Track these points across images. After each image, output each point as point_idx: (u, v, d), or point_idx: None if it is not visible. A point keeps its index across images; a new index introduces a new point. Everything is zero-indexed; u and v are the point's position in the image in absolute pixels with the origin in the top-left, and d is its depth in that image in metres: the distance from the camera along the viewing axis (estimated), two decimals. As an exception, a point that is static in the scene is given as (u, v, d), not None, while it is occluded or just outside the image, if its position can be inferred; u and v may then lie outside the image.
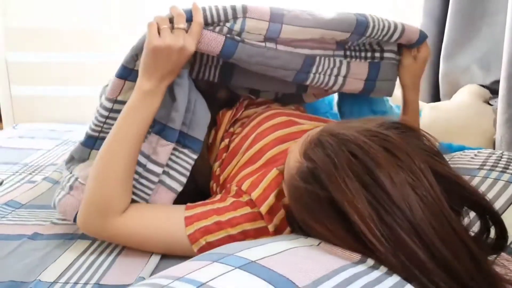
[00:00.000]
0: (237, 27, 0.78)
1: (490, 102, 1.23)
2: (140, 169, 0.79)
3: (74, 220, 0.79)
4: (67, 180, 0.83)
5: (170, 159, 0.81)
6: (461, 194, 0.51)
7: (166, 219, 0.75)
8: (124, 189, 0.75)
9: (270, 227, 0.72)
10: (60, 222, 0.90)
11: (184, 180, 0.81)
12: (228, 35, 0.78)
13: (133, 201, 0.78)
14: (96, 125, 0.84)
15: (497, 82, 1.26)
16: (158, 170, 0.79)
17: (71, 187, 0.81)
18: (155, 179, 0.79)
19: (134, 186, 0.77)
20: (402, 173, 0.48)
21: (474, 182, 0.72)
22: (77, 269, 0.73)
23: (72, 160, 0.88)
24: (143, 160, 0.79)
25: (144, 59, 0.74)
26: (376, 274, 0.44)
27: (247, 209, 0.74)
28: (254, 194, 0.74)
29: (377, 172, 0.48)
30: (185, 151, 0.82)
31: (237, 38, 0.79)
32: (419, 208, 0.46)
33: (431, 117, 1.21)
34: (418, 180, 0.48)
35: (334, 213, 0.51)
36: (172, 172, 0.81)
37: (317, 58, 0.87)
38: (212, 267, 0.45)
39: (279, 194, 0.72)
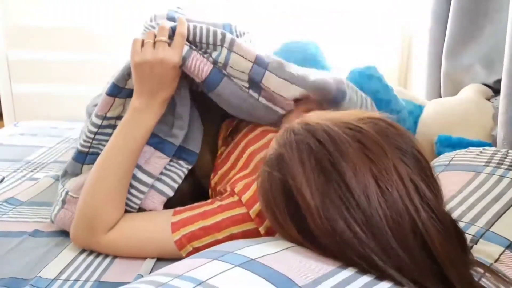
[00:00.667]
0: (221, 58, 0.76)
1: (491, 100, 1.23)
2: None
3: None
4: (60, 195, 0.83)
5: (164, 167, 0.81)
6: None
7: (153, 228, 0.75)
8: (114, 205, 0.74)
9: (261, 229, 0.71)
10: (61, 220, 0.91)
11: (175, 186, 0.81)
12: (215, 65, 0.77)
13: None
14: (85, 141, 0.84)
15: (499, 81, 1.26)
16: (149, 180, 0.78)
17: (63, 202, 0.81)
18: (145, 189, 0.78)
19: None
20: (368, 164, 0.45)
21: (480, 178, 0.72)
22: (77, 266, 0.73)
23: (66, 175, 0.88)
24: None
25: (132, 76, 0.75)
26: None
27: (236, 211, 0.73)
28: (245, 197, 0.73)
29: (340, 160, 0.46)
30: (180, 162, 0.82)
31: (224, 71, 0.78)
32: (377, 201, 0.44)
33: (432, 110, 1.21)
34: (386, 173, 0.45)
35: (285, 197, 0.49)
36: (164, 178, 0.80)
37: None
38: (212, 265, 0.44)
39: None
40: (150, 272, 0.71)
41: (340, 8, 2.13)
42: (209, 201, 0.77)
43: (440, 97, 1.52)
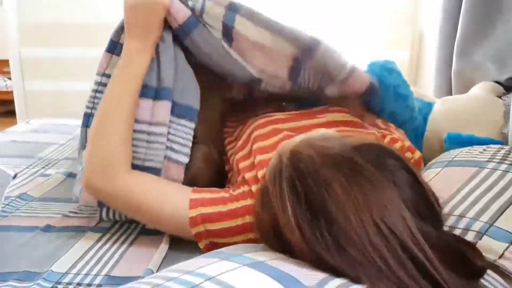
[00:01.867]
0: (198, 6, 0.81)
1: (502, 98, 1.22)
2: (145, 136, 0.79)
3: (99, 205, 0.84)
4: (80, 173, 0.86)
5: (170, 133, 0.81)
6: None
7: (170, 193, 0.77)
8: (126, 143, 0.77)
9: None
10: (72, 215, 0.92)
11: (187, 150, 0.82)
12: (193, 13, 0.81)
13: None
14: (89, 101, 0.90)
15: (511, 78, 1.24)
16: (163, 130, 0.80)
17: None
18: (163, 139, 0.80)
19: (145, 154, 0.79)
20: (355, 200, 0.45)
21: (482, 174, 0.71)
22: (88, 261, 0.74)
23: (80, 152, 0.91)
24: (144, 127, 0.80)
25: (125, 20, 0.80)
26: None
27: (248, 201, 0.74)
28: (255, 187, 0.75)
29: (326, 201, 0.46)
30: (182, 121, 0.83)
31: (200, 19, 0.82)
32: (368, 238, 0.43)
33: (442, 108, 1.20)
34: (376, 209, 0.44)
35: (273, 232, 0.52)
36: (175, 145, 0.82)
37: (263, 84, 0.89)
38: (221, 264, 0.46)
39: None
40: (159, 267, 0.72)
41: (351, 5, 2.12)
42: (225, 188, 0.80)
43: (451, 94, 1.51)
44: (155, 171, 0.80)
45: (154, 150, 0.80)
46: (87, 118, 0.89)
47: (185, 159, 0.82)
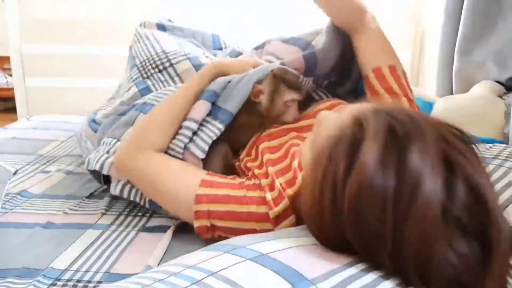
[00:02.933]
0: None
1: (503, 97, 1.22)
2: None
3: (105, 182, 0.94)
4: (108, 144, 0.94)
5: (200, 129, 0.86)
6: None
7: (186, 173, 0.81)
8: (163, 133, 0.85)
9: (271, 213, 0.73)
10: (72, 212, 0.92)
11: (205, 147, 0.84)
12: None
13: None
14: (157, 95, 1.01)
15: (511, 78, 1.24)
16: (192, 125, 0.85)
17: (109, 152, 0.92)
18: (189, 133, 0.85)
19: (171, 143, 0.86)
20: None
21: (488, 169, 0.72)
22: (88, 258, 0.74)
23: (113, 129, 0.98)
24: None
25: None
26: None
27: (256, 193, 0.76)
28: (264, 181, 0.76)
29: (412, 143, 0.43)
30: (215, 122, 0.86)
31: None
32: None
33: (443, 107, 1.20)
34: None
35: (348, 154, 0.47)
36: (198, 140, 0.85)
37: None
38: (223, 258, 0.45)
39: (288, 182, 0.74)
40: (158, 264, 0.72)
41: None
42: (236, 177, 0.82)
43: (452, 94, 1.50)
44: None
45: (178, 140, 0.85)
46: (146, 106, 0.98)
47: (201, 154, 0.84)
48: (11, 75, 2.65)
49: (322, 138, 0.52)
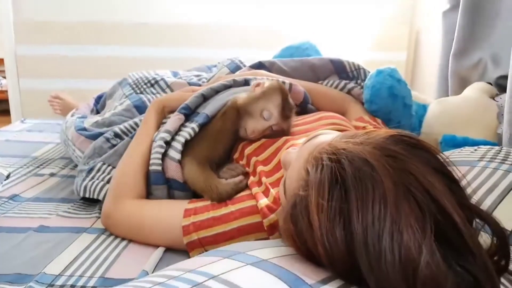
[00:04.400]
0: None
1: (495, 98, 1.22)
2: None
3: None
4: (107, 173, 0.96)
5: (178, 134, 0.88)
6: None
7: (167, 207, 0.82)
8: (136, 177, 0.87)
9: (265, 221, 0.72)
10: (67, 215, 0.91)
11: (180, 147, 0.86)
12: None
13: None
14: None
15: (503, 77, 1.24)
16: (165, 135, 0.88)
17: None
18: (161, 143, 0.87)
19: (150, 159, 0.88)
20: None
21: (474, 171, 0.72)
22: (82, 263, 0.73)
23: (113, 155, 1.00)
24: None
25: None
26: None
27: (246, 203, 0.75)
28: (255, 190, 0.76)
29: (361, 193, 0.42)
30: (191, 125, 0.89)
31: None
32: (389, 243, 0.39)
33: (436, 110, 1.20)
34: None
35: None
36: (174, 143, 0.87)
37: None
38: (223, 263, 0.45)
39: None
40: (154, 269, 0.72)
41: (348, 6, 2.11)
42: None
43: (448, 95, 1.51)
44: (159, 176, 0.86)
45: (155, 153, 0.87)
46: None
47: (176, 155, 0.85)
48: (5, 77, 2.63)
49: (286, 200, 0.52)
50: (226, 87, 1.00)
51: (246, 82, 1.02)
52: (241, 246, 0.50)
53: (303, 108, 1.06)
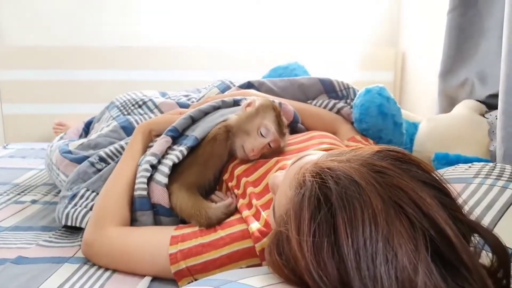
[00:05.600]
0: None
1: (485, 115, 1.23)
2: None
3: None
4: (91, 199, 0.91)
5: (165, 157, 0.85)
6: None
7: (152, 234, 0.78)
8: (118, 204, 0.82)
9: (257, 246, 0.69)
10: (47, 244, 0.87)
11: (167, 170, 0.83)
12: None
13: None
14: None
15: (492, 96, 1.25)
16: (150, 158, 0.85)
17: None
18: (147, 166, 0.84)
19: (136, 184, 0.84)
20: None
21: (470, 189, 0.70)
22: (63, 295, 0.69)
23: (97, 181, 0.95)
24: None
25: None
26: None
27: (236, 227, 0.73)
28: (245, 213, 0.74)
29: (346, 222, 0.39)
30: (180, 148, 0.86)
31: None
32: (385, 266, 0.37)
33: (427, 128, 1.20)
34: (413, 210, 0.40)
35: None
36: (161, 166, 0.84)
37: None
38: None
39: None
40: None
41: (334, 26, 2.14)
42: None
43: (436, 113, 1.51)
44: (144, 201, 0.82)
45: (140, 177, 0.83)
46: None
47: (163, 179, 0.82)
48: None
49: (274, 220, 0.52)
50: (215, 108, 0.98)
51: (235, 103, 1.01)
52: (232, 274, 0.47)
53: (293, 127, 1.05)
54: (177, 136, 0.91)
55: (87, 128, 1.37)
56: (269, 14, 2.09)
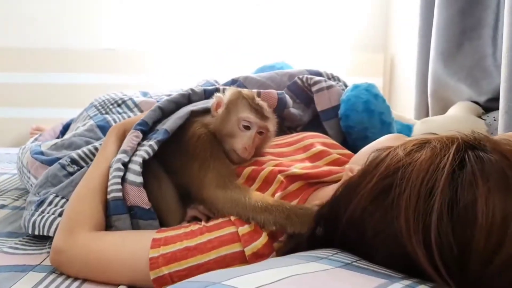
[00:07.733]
0: None
1: (483, 117, 1.20)
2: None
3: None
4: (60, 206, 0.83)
5: (136, 154, 0.78)
6: None
7: (132, 239, 0.71)
8: (92, 207, 0.76)
9: (247, 250, 0.65)
10: (12, 251, 0.80)
11: (138, 168, 0.75)
12: None
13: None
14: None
15: (490, 100, 1.23)
16: (121, 156, 0.78)
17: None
18: (118, 165, 0.77)
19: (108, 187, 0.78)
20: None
21: None
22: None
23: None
24: None
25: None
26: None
27: (225, 230, 0.68)
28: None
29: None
30: (149, 142, 0.79)
31: None
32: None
33: (422, 130, 1.16)
34: None
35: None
36: (132, 165, 0.77)
37: None
38: None
39: None
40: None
41: (323, 32, 2.12)
42: (195, 221, 0.73)
43: (428, 116, 1.49)
44: (119, 204, 0.75)
45: (112, 178, 0.77)
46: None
47: (137, 178, 0.75)
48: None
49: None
50: (184, 97, 0.92)
51: (205, 93, 0.95)
52: (216, 274, 0.41)
53: (280, 113, 0.96)
54: (147, 130, 0.84)
55: (64, 130, 1.29)
56: (256, 20, 2.08)
